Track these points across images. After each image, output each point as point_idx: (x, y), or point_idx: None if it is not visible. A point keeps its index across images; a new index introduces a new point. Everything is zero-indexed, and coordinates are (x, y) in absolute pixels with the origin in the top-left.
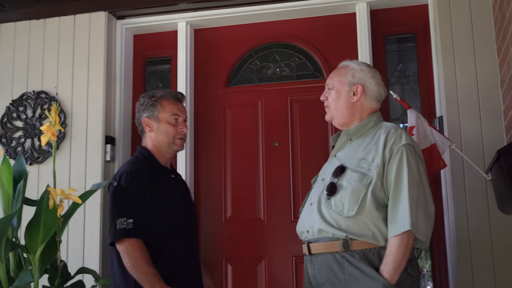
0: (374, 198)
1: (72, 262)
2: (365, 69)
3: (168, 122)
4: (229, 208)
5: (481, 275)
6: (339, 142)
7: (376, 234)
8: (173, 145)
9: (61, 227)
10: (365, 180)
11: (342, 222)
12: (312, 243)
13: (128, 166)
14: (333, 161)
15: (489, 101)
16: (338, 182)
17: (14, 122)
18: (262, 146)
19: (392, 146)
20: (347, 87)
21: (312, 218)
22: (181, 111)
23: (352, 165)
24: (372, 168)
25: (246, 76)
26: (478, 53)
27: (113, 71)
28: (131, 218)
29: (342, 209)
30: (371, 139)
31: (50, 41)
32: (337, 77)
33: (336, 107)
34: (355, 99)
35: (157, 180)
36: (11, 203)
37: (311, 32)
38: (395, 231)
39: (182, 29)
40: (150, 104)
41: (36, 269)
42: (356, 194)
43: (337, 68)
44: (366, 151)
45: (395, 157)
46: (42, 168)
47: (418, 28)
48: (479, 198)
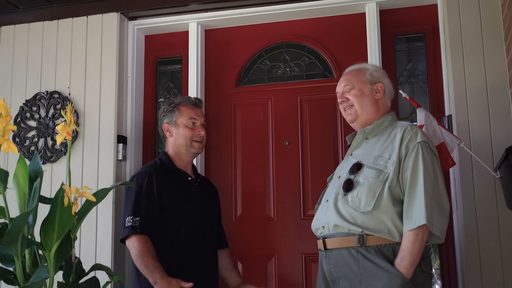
0: (390, 194)
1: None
2: (379, 70)
3: (186, 126)
4: (239, 206)
5: (489, 272)
6: (355, 141)
7: (391, 230)
8: (191, 147)
9: (76, 225)
10: (382, 176)
11: (358, 217)
12: (327, 239)
13: (141, 169)
14: (350, 159)
15: (498, 100)
16: (354, 178)
17: (28, 122)
18: (272, 145)
19: (408, 143)
20: (369, 85)
21: (328, 214)
22: (198, 115)
23: (368, 162)
24: (388, 165)
25: (256, 76)
26: (487, 53)
27: (125, 71)
28: (138, 217)
29: (359, 205)
30: (387, 137)
31: (63, 42)
32: (355, 77)
33: (361, 104)
34: (379, 96)
35: (170, 183)
36: (27, 202)
37: (321, 32)
38: (411, 225)
39: (193, 30)
40: (169, 111)
41: (51, 266)
42: (372, 190)
43: (349, 72)
44: (382, 149)
45: (411, 154)
46: (55, 167)
47: (427, 28)
48: (487, 196)
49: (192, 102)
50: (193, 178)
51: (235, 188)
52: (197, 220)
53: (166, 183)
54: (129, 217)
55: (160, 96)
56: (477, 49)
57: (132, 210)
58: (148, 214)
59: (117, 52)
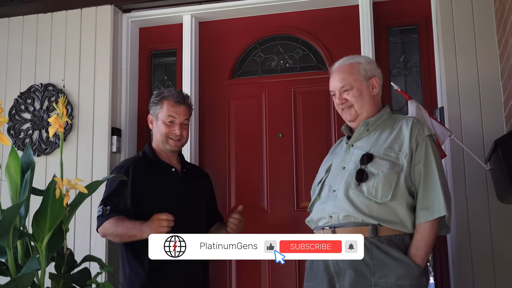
0: (404, 186)
1: (79, 251)
2: (370, 61)
3: (164, 122)
4: (233, 198)
5: (480, 263)
6: (357, 133)
7: (404, 221)
8: (166, 144)
9: (68, 216)
10: (396, 168)
11: (374, 208)
12: (338, 228)
13: (121, 162)
14: (353, 150)
15: (489, 92)
16: (367, 169)
17: (22, 114)
18: (265, 137)
19: (417, 136)
20: (366, 82)
21: (337, 204)
22: (178, 113)
23: (379, 153)
24: (400, 157)
25: (250, 68)
26: (479, 45)
27: (119, 64)
28: (108, 206)
29: (376, 195)
30: (391, 130)
31: (57, 34)
32: (351, 76)
33: (361, 104)
34: (375, 91)
35: (150, 175)
36: (19, 193)
37: (315, 24)
38: (428, 216)
39: (187, 22)
40: (155, 103)
41: (43, 257)
42: (388, 181)
43: (343, 69)
44: (390, 141)
45: (421, 147)
46: (49, 159)
47: (421, 20)
48: (479, 188)
49: (175, 98)
50: (177, 169)
51: (228, 180)
52: (181, 212)
53: (146, 176)
54: (100, 207)
55: (154, 88)
56: (469, 41)
57: (103, 200)
58: (118, 204)
59: (111, 45)
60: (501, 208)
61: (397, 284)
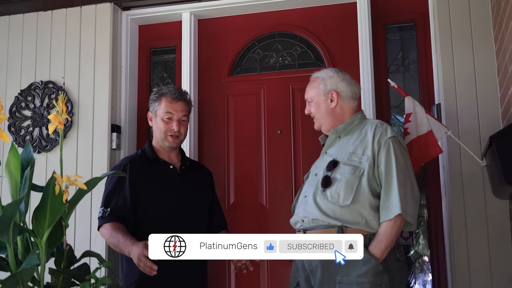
0: (367, 188)
1: (79, 247)
2: (333, 75)
3: (162, 119)
4: (232, 194)
5: (476, 257)
6: (329, 140)
7: (368, 221)
8: (165, 141)
9: (67, 212)
10: (358, 172)
11: (338, 211)
12: (308, 231)
13: (119, 161)
14: (325, 158)
15: (486, 88)
16: (332, 175)
17: (23, 112)
18: (264, 133)
19: (379, 139)
20: (323, 96)
21: (307, 209)
22: (176, 109)
23: (343, 159)
24: (363, 161)
25: (249, 65)
26: (476, 42)
27: (119, 61)
28: (108, 208)
29: (338, 199)
30: (358, 134)
31: (57, 32)
32: (312, 90)
33: (320, 116)
34: (333, 105)
35: (148, 173)
36: (18, 189)
37: (313, 21)
38: (388, 215)
39: (186, 20)
40: (153, 100)
41: (43, 253)
42: (350, 185)
43: (310, 81)
44: (355, 145)
45: (383, 149)
46: (50, 156)
47: (418, 17)
48: (475, 184)
49: (173, 95)
50: (176, 167)
51: (228, 177)
52: (179, 210)
53: (143, 174)
54: (101, 208)
55: (154, 85)
56: (467, 38)
57: (104, 201)
58: (118, 205)
59: (110, 42)
60: (497, 203)
61: (357, 281)
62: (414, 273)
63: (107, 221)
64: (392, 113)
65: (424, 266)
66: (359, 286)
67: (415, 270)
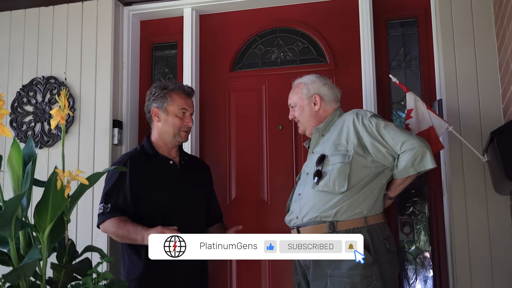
0: (358, 173)
1: (81, 241)
2: (315, 80)
3: (176, 115)
4: (234, 190)
5: (477, 252)
6: (313, 140)
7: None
8: (178, 136)
9: (69, 207)
10: (347, 158)
11: (333, 201)
12: (301, 227)
13: (119, 157)
14: (312, 156)
15: (487, 84)
16: (322, 169)
17: (25, 107)
18: (265, 129)
19: (363, 121)
20: (306, 100)
21: (300, 206)
22: (189, 105)
23: (330, 152)
24: (350, 148)
25: (251, 61)
26: (477, 37)
27: (120, 57)
28: (108, 204)
29: (334, 187)
30: (340, 126)
31: (59, 27)
32: (296, 95)
33: (304, 120)
34: (317, 108)
35: (148, 169)
36: (20, 184)
37: (314, 17)
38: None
39: (188, 15)
40: (161, 96)
41: (45, 247)
42: (342, 172)
43: (293, 88)
44: (338, 136)
45: (371, 125)
46: (52, 151)
47: (420, 12)
48: (476, 179)
49: (185, 91)
50: (175, 162)
51: (229, 172)
52: (178, 205)
53: (143, 170)
54: (101, 204)
55: (155, 81)
56: (468, 33)
57: (104, 197)
58: (119, 201)
59: (112, 37)
60: (498, 198)
61: (348, 273)
62: (415, 269)
63: (110, 216)
64: (393, 109)
65: (425, 262)
66: (350, 278)
67: (417, 266)
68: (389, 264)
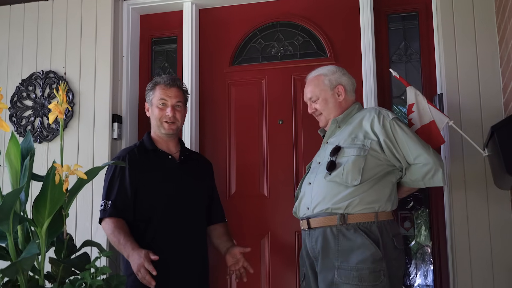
0: (371, 168)
1: (80, 236)
2: (336, 71)
3: (157, 106)
4: (234, 185)
5: (478, 247)
6: (329, 130)
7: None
8: (161, 127)
9: (68, 202)
10: (363, 152)
11: (345, 193)
12: (311, 218)
13: (118, 153)
14: (326, 146)
15: (488, 78)
16: (336, 160)
17: (24, 101)
18: (266, 123)
19: (384, 121)
20: (330, 91)
21: (312, 196)
22: (170, 96)
23: (346, 144)
24: (366, 143)
25: (251, 55)
26: (478, 31)
27: (120, 51)
28: (109, 200)
29: (347, 180)
30: (357, 122)
31: (58, 22)
32: (317, 88)
33: (328, 112)
34: (341, 98)
35: (146, 164)
36: (19, 179)
37: (315, 11)
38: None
39: (188, 9)
40: (149, 90)
41: (43, 242)
42: (357, 165)
43: (311, 81)
44: (356, 130)
45: (391, 128)
46: (51, 146)
47: (421, 6)
48: (477, 174)
49: (165, 82)
50: (174, 157)
51: (229, 167)
52: (177, 200)
53: (141, 165)
54: (102, 201)
55: (155, 75)
56: (469, 27)
57: (105, 194)
58: (119, 197)
59: (112, 32)
60: (498, 193)
61: (356, 267)
62: (415, 263)
63: (107, 214)
64: (394, 104)
65: (426, 256)
66: (358, 272)
67: (417, 261)
68: (395, 261)
